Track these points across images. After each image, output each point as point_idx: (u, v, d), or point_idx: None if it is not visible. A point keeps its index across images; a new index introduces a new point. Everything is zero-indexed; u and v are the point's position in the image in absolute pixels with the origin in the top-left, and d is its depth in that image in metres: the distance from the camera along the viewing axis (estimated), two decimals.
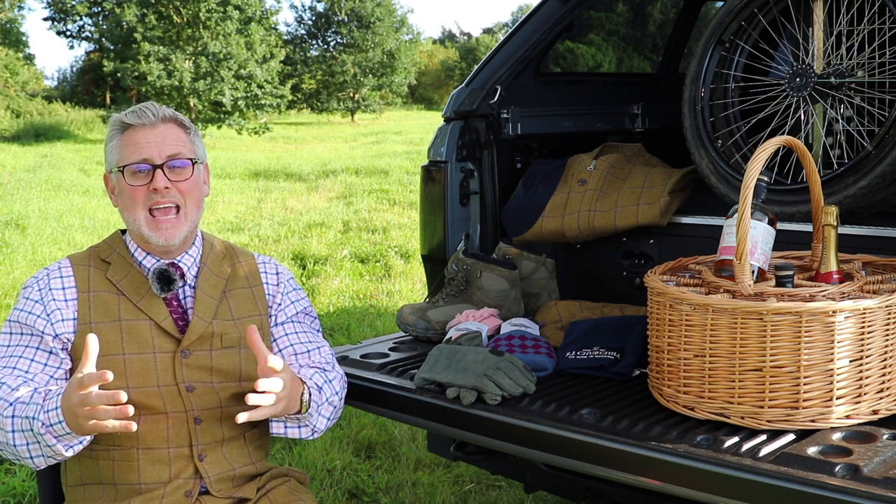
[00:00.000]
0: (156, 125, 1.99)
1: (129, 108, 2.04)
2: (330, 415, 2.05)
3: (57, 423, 1.73)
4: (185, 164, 1.99)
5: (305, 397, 1.96)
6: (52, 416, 1.74)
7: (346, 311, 6.44)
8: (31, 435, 1.77)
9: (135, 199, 1.97)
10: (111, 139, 2.02)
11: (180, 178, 1.99)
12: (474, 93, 3.08)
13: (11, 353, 1.93)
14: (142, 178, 1.96)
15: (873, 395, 1.86)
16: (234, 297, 2.08)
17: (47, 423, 1.74)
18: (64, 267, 2.02)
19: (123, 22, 28.59)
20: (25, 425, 1.77)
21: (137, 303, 1.98)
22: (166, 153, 1.97)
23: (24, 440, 1.79)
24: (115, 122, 2.02)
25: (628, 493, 2.45)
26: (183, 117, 2.06)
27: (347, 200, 12.15)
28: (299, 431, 2.02)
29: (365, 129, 31.60)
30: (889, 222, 2.40)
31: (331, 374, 2.09)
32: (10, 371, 1.90)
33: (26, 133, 25.59)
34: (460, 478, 3.70)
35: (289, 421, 2.01)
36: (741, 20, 2.69)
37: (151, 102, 2.05)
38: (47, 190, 13.07)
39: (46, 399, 1.77)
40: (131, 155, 1.97)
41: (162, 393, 1.94)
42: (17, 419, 1.78)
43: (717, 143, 2.71)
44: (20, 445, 1.79)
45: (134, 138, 1.98)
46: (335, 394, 2.07)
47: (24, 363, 1.91)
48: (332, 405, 2.05)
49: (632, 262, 2.91)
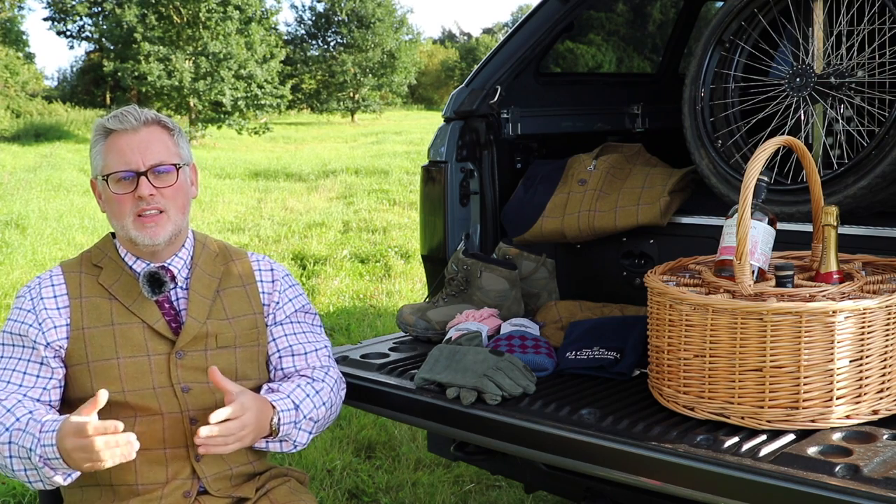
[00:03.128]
0: (138, 130, 1.97)
1: (112, 112, 2.03)
2: (311, 429, 2.03)
3: (54, 459, 1.76)
4: (168, 170, 1.98)
5: (274, 422, 1.94)
6: (49, 452, 1.76)
7: (346, 311, 6.44)
8: (28, 462, 1.80)
9: (121, 206, 1.96)
10: (95, 144, 2.01)
11: (165, 185, 1.98)
12: (474, 93, 3.08)
13: (5, 367, 1.95)
14: (126, 185, 1.96)
15: (873, 395, 1.86)
16: (227, 296, 2.08)
17: (45, 457, 1.76)
18: (55, 275, 2.02)
19: (123, 22, 28.60)
20: (23, 454, 1.80)
21: (129, 306, 1.98)
22: (150, 161, 1.96)
23: (21, 466, 1.82)
24: (98, 127, 2.01)
25: (628, 493, 2.45)
26: (166, 119, 2.04)
27: (347, 200, 12.15)
28: (280, 446, 2.01)
29: (365, 129, 31.60)
30: (889, 222, 2.40)
31: (318, 385, 2.06)
32: (4, 386, 1.91)
33: (26, 133, 25.58)
34: (460, 478, 3.70)
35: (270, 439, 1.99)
36: (741, 20, 2.69)
37: (133, 106, 2.03)
38: (47, 190, 13.07)
39: (42, 432, 1.78)
40: (115, 163, 1.96)
41: (157, 394, 1.94)
42: (14, 446, 1.81)
43: (717, 144, 2.72)
44: (18, 471, 1.83)
45: (117, 145, 1.96)
46: (321, 405, 2.04)
47: (17, 377, 1.93)
48: (314, 420, 2.02)
49: (632, 262, 2.91)
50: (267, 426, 1.93)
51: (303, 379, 2.07)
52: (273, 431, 1.95)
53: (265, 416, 1.92)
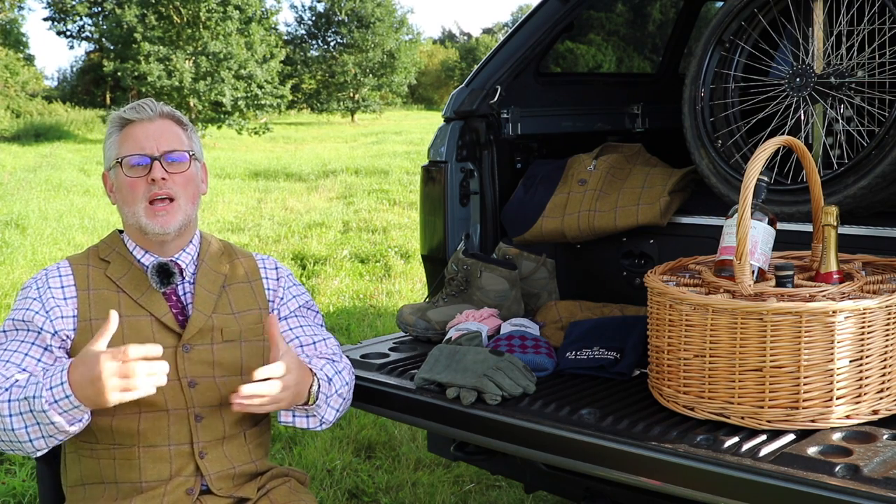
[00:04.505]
0: (154, 120, 2.02)
1: (129, 104, 2.07)
2: (339, 406, 2.06)
3: (63, 399, 1.71)
4: (182, 157, 2.02)
5: (314, 389, 1.96)
6: (58, 392, 1.71)
7: (346, 311, 6.44)
8: (30, 416, 1.75)
9: (134, 191, 1.98)
10: (110, 136, 2.04)
11: (177, 171, 2.01)
12: (474, 93, 3.08)
13: (6, 348, 1.92)
14: (140, 170, 1.98)
15: (873, 395, 1.86)
16: (233, 291, 2.09)
17: (51, 400, 1.71)
18: (63, 267, 2.03)
19: (123, 22, 28.60)
20: (24, 407, 1.75)
21: (137, 299, 1.99)
22: (164, 147, 2.00)
23: (22, 423, 1.76)
24: (114, 118, 2.05)
25: (628, 493, 2.45)
26: (180, 115, 2.09)
27: (347, 200, 12.15)
28: (307, 422, 2.02)
29: (365, 129, 31.60)
30: (889, 222, 2.40)
31: (339, 365, 2.10)
32: (3, 364, 1.89)
33: (26, 133, 25.59)
34: (460, 478, 3.70)
35: (297, 410, 2.01)
36: (741, 20, 2.69)
37: (150, 99, 2.07)
38: (47, 190, 13.07)
39: (46, 376, 1.75)
40: (130, 148, 1.99)
41: (163, 389, 1.93)
42: (15, 402, 1.76)
43: (717, 143, 2.71)
44: (18, 429, 1.77)
45: (132, 133, 2.01)
46: (345, 384, 2.08)
47: (17, 357, 1.90)
48: (342, 397, 2.06)
49: (632, 262, 2.91)
50: (305, 393, 1.94)
51: (324, 360, 2.08)
52: (311, 399, 1.96)
53: (305, 383, 1.94)
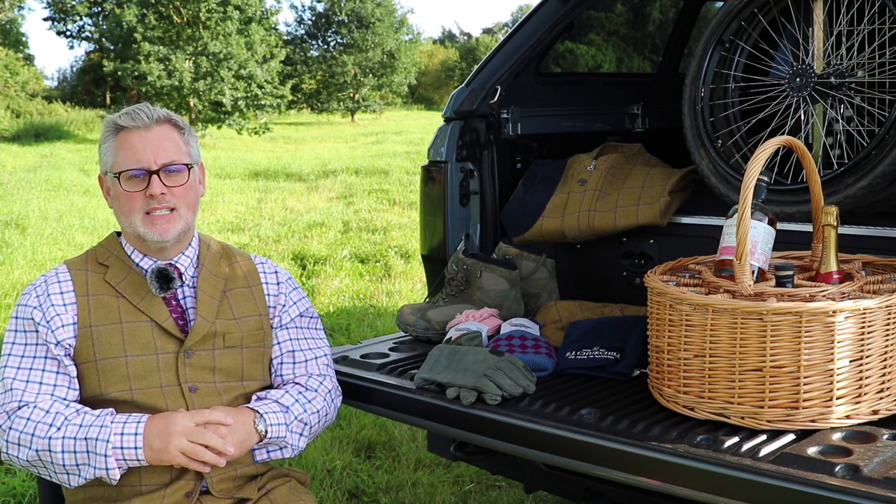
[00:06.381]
0: (150, 128, 1.98)
1: (123, 109, 2.04)
2: (303, 431, 2.04)
3: (130, 449, 1.80)
4: (180, 169, 2.00)
5: (260, 427, 1.96)
6: (128, 441, 1.80)
7: (346, 311, 6.44)
8: (84, 456, 1.80)
9: (132, 204, 1.97)
10: (105, 140, 2.02)
11: (176, 184, 1.99)
12: (474, 93, 3.08)
13: (22, 366, 1.93)
14: (138, 183, 1.97)
15: (873, 395, 1.86)
16: (234, 296, 2.09)
17: (118, 446, 1.80)
18: (61, 272, 2.02)
19: (123, 22, 28.57)
20: (80, 446, 1.80)
21: (137, 304, 1.98)
22: (161, 160, 1.97)
23: (73, 461, 1.82)
24: (109, 123, 2.02)
25: (628, 493, 2.45)
26: (177, 117, 2.06)
27: (347, 200, 12.15)
28: (281, 453, 2.03)
29: (365, 129, 31.59)
30: (889, 222, 2.40)
31: (310, 395, 2.08)
32: (35, 387, 1.90)
33: (26, 133, 25.56)
34: (460, 478, 3.70)
35: (269, 446, 2.02)
36: (741, 20, 2.69)
37: (145, 104, 2.04)
38: (47, 190, 13.06)
39: (116, 423, 1.82)
40: (127, 161, 1.97)
41: (165, 393, 1.94)
42: (69, 440, 1.81)
43: (717, 143, 2.71)
44: (69, 465, 1.83)
45: (129, 142, 1.97)
46: (313, 413, 2.07)
47: (36, 375, 1.92)
48: (303, 422, 2.04)
49: (632, 262, 2.91)
50: (252, 430, 1.95)
51: (294, 387, 2.09)
52: (259, 436, 1.96)
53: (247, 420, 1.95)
